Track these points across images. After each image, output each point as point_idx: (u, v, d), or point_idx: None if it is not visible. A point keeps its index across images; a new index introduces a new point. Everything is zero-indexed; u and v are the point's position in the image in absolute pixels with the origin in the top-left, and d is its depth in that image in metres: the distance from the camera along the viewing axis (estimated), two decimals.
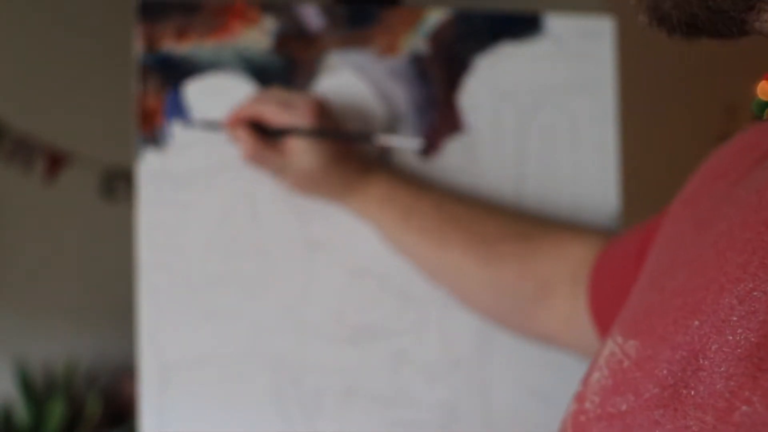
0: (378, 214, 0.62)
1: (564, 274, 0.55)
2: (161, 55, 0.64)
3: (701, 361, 0.25)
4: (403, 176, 0.64)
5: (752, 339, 0.23)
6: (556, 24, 0.68)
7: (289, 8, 0.65)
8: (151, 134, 0.64)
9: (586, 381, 0.32)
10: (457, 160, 0.67)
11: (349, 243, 0.65)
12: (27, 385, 1.90)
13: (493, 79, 0.68)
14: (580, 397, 0.31)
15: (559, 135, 0.68)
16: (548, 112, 0.68)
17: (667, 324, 0.28)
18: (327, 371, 0.64)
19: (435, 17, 0.67)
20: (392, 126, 0.66)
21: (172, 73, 0.64)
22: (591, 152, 0.68)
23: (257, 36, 0.65)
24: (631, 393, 0.28)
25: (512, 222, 0.60)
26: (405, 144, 0.59)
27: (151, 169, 0.64)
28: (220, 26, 0.64)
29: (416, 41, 0.67)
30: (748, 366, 0.22)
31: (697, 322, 0.26)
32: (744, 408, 0.22)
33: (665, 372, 0.26)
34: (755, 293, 0.24)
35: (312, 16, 0.66)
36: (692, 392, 0.25)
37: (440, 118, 0.67)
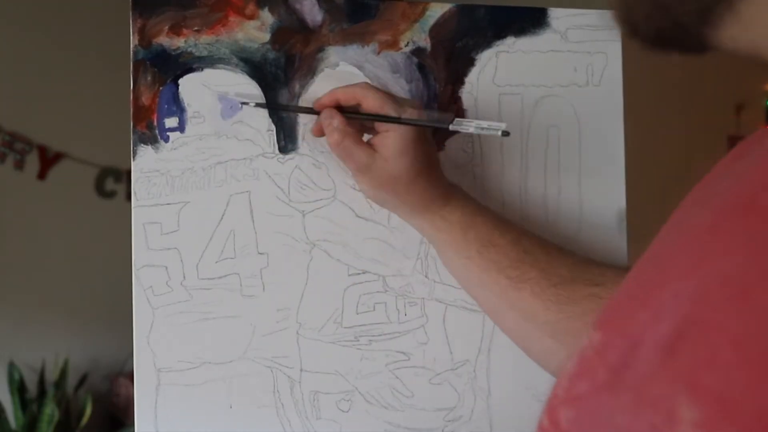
0: (454, 241, 0.59)
1: None
2: (157, 50, 0.63)
3: (639, 350, 0.27)
4: (480, 204, 0.61)
5: (669, 330, 0.25)
6: (562, 18, 0.67)
7: (287, 2, 0.64)
8: (147, 132, 0.63)
9: (563, 369, 0.34)
10: (460, 157, 0.67)
11: (349, 243, 0.64)
12: (19, 388, 1.89)
13: (497, 74, 0.67)
14: (555, 385, 0.34)
15: (565, 131, 0.68)
16: (553, 108, 0.67)
17: (624, 316, 0.31)
18: (326, 372, 0.64)
19: (436, 12, 0.66)
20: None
21: (168, 69, 0.63)
22: (598, 149, 0.68)
23: (254, 31, 0.64)
24: (589, 377, 0.30)
25: (584, 265, 0.58)
26: (489, 128, 0.53)
27: (146, 167, 0.63)
28: (216, 21, 0.63)
29: (417, 36, 0.66)
30: (663, 357, 0.24)
31: (643, 315, 0.28)
32: (656, 387, 0.24)
33: (614, 358, 0.28)
34: (682, 291, 0.26)
35: (310, 10, 0.65)
36: (626, 376, 0.27)
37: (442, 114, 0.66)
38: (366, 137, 0.60)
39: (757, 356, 0.21)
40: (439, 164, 0.61)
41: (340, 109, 0.59)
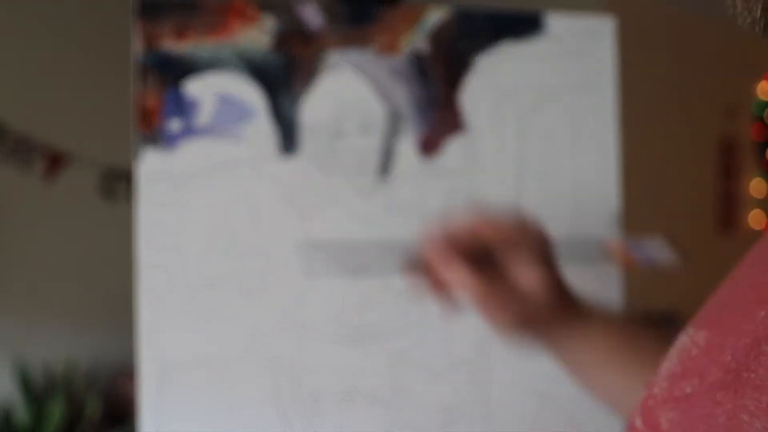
0: (597, 359, 0.52)
1: None
2: (160, 54, 0.63)
3: (763, 347, 0.26)
4: (614, 318, 0.55)
5: None
6: (557, 23, 0.67)
7: (289, 7, 0.65)
8: (151, 134, 0.63)
9: (657, 371, 0.33)
10: (458, 160, 0.67)
11: (349, 243, 0.65)
12: (26, 386, 1.90)
13: (494, 79, 0.67)
14: (650, 385, 0.32)
15: (560, 135, 0.68)
16: (549, 112, 0.68)
17: (736, 315, 0.29)
18: (327, 372, 0.64)
19: (436, 16, 0.66)
20: (394, 125, 0.66)
21: (172, 72, 0.63)
22: (592, 152, 0.68)
23: (257, 35, 0.64)
24: (697, 377, 0.28)
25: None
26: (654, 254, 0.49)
27: (150, 168, 0.63)
28: (219, 25, 0.64)
29: (417, 40, 0.66)
30: None
31: (763, 312, 0.27)
32: None
33: (729, 358, 0.27)
34: None
35: (312, 15, 0.65)
36: (752, 375, 0.25)
37: (441, 118, 0.67)
38: None
39: None
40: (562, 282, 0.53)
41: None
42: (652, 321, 0.53)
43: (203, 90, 0.64)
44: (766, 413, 0.24)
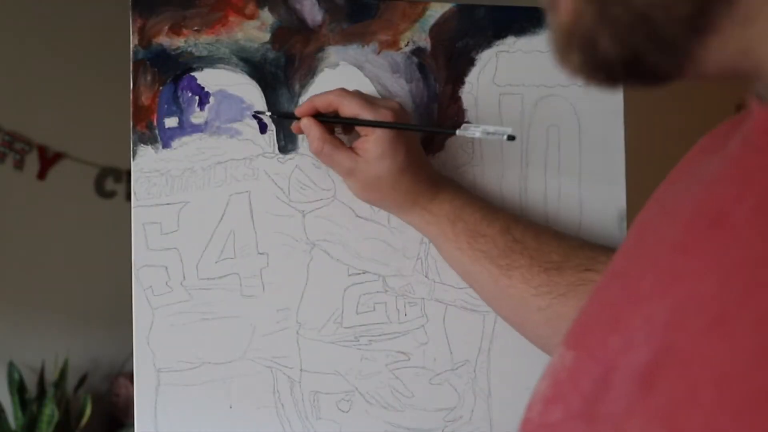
0: (443, 233, 0.60)
1: None
2: (156, 50, 0.63)
3: (612, 377, 0.25)
4: (470, 195, 0.62)
5: (645, 359, 0.23)
6: None
7: (287, 2, 0.64)
8: (147, 131, 0.63)
9: (536, 388, 0.33)
10: (460, 157, 0.66)
11: (349, 243, 0.64)
12: (19, 388, 1.89)
13: (497, 74, 0.67)
14: (530, 405, 0.33)
15: (565, 131, 0.67)
16: (554, 108, 0.67)
17: (595, 338, 0.29)
18: (327, 372, 0.64)
19: (437, 11, 0.66)
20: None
21: (168, 69, 0.63)
22: (597, 149, 0.68)
23: (254, 30, 0.64)
24: (562, 403, 0.29)
25: (577, 249, 0.58)
26: (496, 133, 0.54)
27: (145, 167, 0.62)
28: (216, 20, 0.63)
29: (417, 35, 0.66)
30: (640, 390, 0.23)
31: (614, 339, 0.27)
32: (633, 425, 0.22)
33: (588, 385, 0.27)
34: (655, 315, 0.24)
35: (310, 10, 0.65)
36: (602, 407, 0.25)
37: (442, 114, 0.66)
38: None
39: (741, 398, 0.19)
40: (425, 160, 0.61)
41: (322, 114, 0.59)
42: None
43: (200, 87, 0.63)
44: None
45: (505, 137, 0.52)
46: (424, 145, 0.65)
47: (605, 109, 0.68)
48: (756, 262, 0.21)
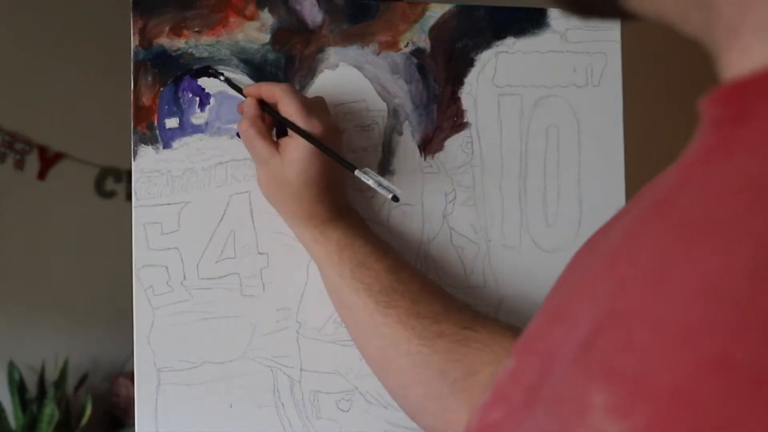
0: (329, 257, 0.59)
1: (494, 368, 0.52)
2: (157, 50, 0.63)
3: (555, 361, 0.26)
4: (369, 233, 0.61)
5: (585, 332, 0.24)
6: (561, 18, 0.67)
7: (287, 3, 0.64)
8: (147, 132, 0.63)
9: (478, 404, 0.33)
10: (460, 157, 0.66)
11: None
12: (19, 388, 1.89)
13: (496, 75, 0.67)
14: (470, 419, 0.33)
15: (565, 131, 0.68)
16: (553, 108, 0.67)
17: (538, 336, 0.30)
18: (326, 372, 0.64)
19: (436, 12, 0.66)
20: (395, 125, 0.65)
21: (168, 69, 0.63)
22: (597, 149, 0.68)
23: (254, 32, 0.64)
24: (504, 403, 0.29)
25: (462, 308, 0.57)
26: (384, 190, 0.55)
27: (146, 167, 0.63)
28: (216, 22, 0.63)
29: (417, 36, 0.66)
30: (578, 356, 0.23)
31: (557, 329, 0.28)
32: (572, 386, 0.23)
33: (530, 378, 0.28)
34: (599, 295, 0.25)
35: (310, 11, 0.65)
36: (542, 389, 0.26)
37: (442, 115, 0.66)
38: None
39: (672, 332, 0.19)
40: (339, 186, 0.60)
41: (263, 102, 0.59)
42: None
43: (201, 88, 0.63)
44: (546, 414, 0.24)
45: (391, 197, 0.54)
46: (424, 147, 0.66)
47: (605, 109, 0.68)
48: (692, 225, 0.22)
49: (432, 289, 0.58)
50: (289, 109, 0.57)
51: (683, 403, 0.18)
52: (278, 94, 0.58)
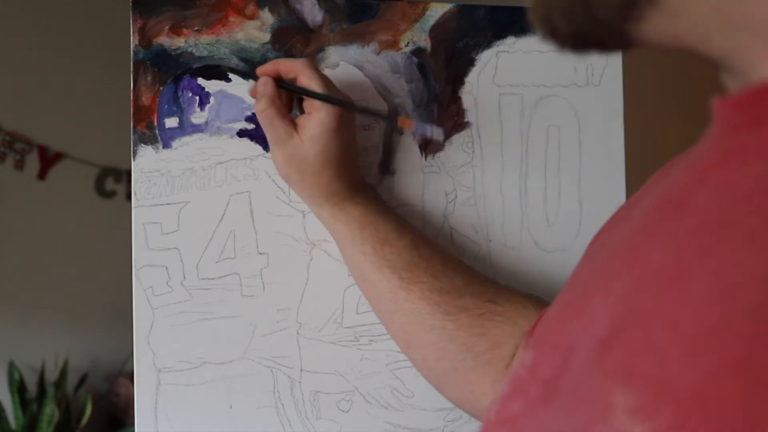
0: (350, 235, 0.59)
1: (518, 340, 0.52)
2: (156, 50, 0.63)
3: (573, 356, 0.26)
4: (387, 208, 0.61)
5: (604, 330, 0.24)
6: None
7: (287, 2, 0.64)
8: (147, 131, 0.63)
9: (495, 396, 0.34)
10: (460, 157, 0.66)
11: None
12: (19, 388, 1.89)
13: (497, 74, 0.67)
14: (489, 409, 0.33)
15: (565, 131, 0.67)
16: (554, 108, 0.67)
17: (556, 329, 0.31)
18: (327, 372, 0.64)
19: (437, 11, 0.66)
20: (395, 125, 0.65)
21: (168, 68, 0.63)
22: (598, 149, 0.68)
23: (255, 31, 0.64)
24: (522, 396, 0.30)
25: (483, 281, 0.58)
26: (431, 132, 0.55)
27: (146, 167, 0.62)
28: (216, 21, 0.63)
29: (417, 36, 0.66)
30: (598, 354, 0.24)
31: (575, 324, 0.28)
32: (591, 385, 0.23)
33: (548, 372, 0.28)
34: (616, 292, 0.25)
35: (310, 10, 0.65)
36: (560, 384, 0.26)
37: (443, 114, 0.66)
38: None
39: (692, 334, 0.20)
40: (356, 163, 0.60)
41: (281, 79, 0.59)
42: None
43: (201, 87, 0.63)
44: (566, 412, 0.24)
45: (442, 139, 0.53)
46: (425, 146, 0.65)
47: (605, 109, 0.68)
48: (708, 227, 0.22)
49: (453, 264, 0.58)
50: (312, 81, 0.56)
51: (705, 404, 0.18)
52: (299, 68, 0.57)
